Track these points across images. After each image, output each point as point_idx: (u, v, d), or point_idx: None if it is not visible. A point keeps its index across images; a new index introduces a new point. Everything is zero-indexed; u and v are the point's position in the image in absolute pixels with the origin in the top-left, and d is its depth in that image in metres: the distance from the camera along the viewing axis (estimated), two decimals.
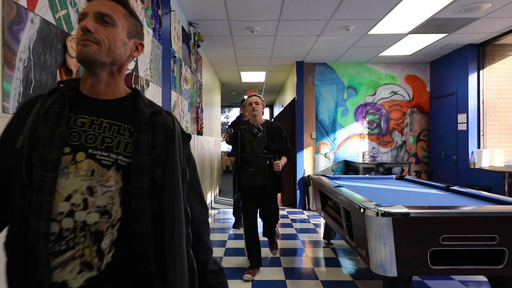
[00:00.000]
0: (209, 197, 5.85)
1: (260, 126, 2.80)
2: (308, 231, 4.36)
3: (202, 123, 4.90)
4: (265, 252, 3.49)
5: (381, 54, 5.35)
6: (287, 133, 2.98)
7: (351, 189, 2.81)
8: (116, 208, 0.69)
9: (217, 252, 3.51)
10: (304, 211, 5.68)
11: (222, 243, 3.83)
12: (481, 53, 4.78)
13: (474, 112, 4.80)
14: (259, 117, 2.90)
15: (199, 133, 4.69)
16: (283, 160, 2.83)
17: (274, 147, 2.76)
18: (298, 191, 5.91)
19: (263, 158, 2.75)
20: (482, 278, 2.74)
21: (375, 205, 2.04)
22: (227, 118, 16.07)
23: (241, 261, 3.22)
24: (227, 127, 4.99)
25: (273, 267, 3.07)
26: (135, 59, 2.30)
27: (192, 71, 4.24)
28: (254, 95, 2.90)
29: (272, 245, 3.21)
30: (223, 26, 4.08)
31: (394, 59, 5.66)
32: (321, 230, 4.32)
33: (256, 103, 2.86)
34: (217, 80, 7.49)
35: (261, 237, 3.06)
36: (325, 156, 5.91)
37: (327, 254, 3.45)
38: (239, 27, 4.11)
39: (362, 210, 2.04)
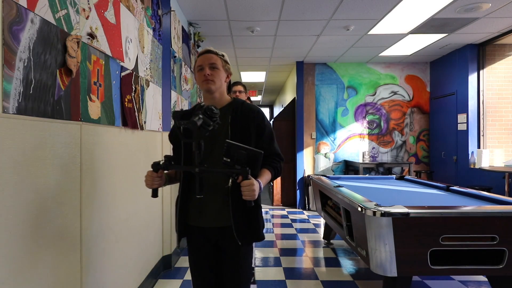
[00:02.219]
0: None
1: (215, 108, 1.27)
2: (308, 231, 4.36)
3: None
4: (265, 251, 3.49)
5: (381, 54, 5.36)
6: (272, 127, 1.53)
7: (351, 189, 2.81)
8: None
9: None
10: (304, 211, 5.69)
11: None
12: (481, 53, 4.78)
13: (474, 112, 4.80)
14: (218, 92, 1.46)
15: None
16: (264, 176, 1.39)
17: (244, 151, 1.27)
18: (298, 191, 5.91)
19: (223, 174, 1.35)
20: (482, 278, 2.74)
21: (375, 205, 2.04)
22: None
23: None
24: None
25: (273, 267, 3.07)
26: (135, 59, 2.31)
27: (192, 71, 4.24)
28: (209, 51, 1.47)
29: None
30: (223, 26, 4.08)
31: (394, 59, 5.66)
32: (321, 230, 4.33)
33: (212, 66, 1.43)
34: None
35: None
36: (325, 156, 5.91)
37: (327, 254, 3.45)
38: (239, 27, 4.11)
39: (362, 210, 2.04)
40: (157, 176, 1.34)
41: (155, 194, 1.37)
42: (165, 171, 1.39)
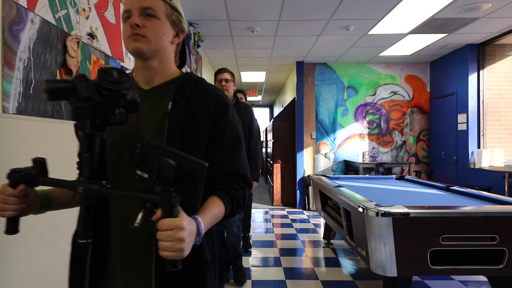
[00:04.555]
0: None
1: (117, 72, 0.68)
2: (308, 231, 4.36)
3: None
4: (265, 251, 3.49)
5: (381, 54, 5.36)
6: (239, 130, 0.88)
7: (351, 189, 2.81)
8: None
9: None
10: (304, 211, 5.68)
11: None
12: (481, 53, 4.78)
13: (474, 112, 4.80)
14: (157, 60, 0.85)
15: None
16: (210, 211, 0.75)
17: (172, 161, 0.64)
18: (298, 191, 5.91)
19: (132, 200, 0.70)
20: (482, 278, 2.74)
21: (375, 205, 2.04)
22: None
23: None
24: None
25: (273, 267, 3.07)
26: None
27: (192, 71, 4.23)
28: None
29: None
30: (223, 26, 4.08)
31: (394, 59, 5.66)
32: (321, 230, 4.32)
33: (147, 13, 0.81)
34: None
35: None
36: (325, 156, 5.91)
37: (327, 254, 3.45)
38: (239, 27, 4.11)
39: (362, 210, 2.04)
40: (13, 195, 0.71)
41: (10, 228, 0.73)
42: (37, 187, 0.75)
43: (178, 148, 0.73)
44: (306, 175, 5.89)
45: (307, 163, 5.93)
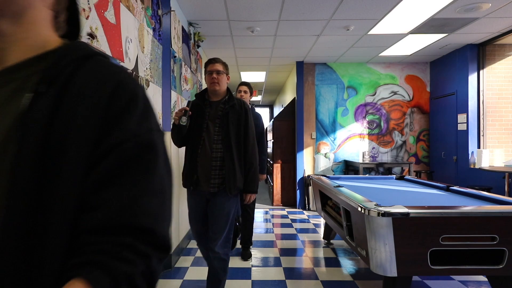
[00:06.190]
0: None
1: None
2: (308, 231, 4.36)
3: None
4: (265, 251, 3.49)
5: (381, 54, 5.36)
6: (159, 146, 0.49)
7: (351, 189, 2.81)
8: None
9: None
10: (304, 211, 5.68)
11: None
12: (481, 53, 4.78)
13: (474, 112, 4.80)
14: (9, 22, 0.47)
15: None
16: None
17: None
18: (298, 191, 5.91)
19: None
20: (482, 278, 2.74)
21: (375, 205, 2.04)
22: None
23: (237, 260, 3.23)
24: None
25: (273, 267, 3.07)
26: (135, 59, 2.30)
27: (192, 71, 4.24)
28: None
29: None
30: (223, 26, 4.08)
31: (394, 59, 5.66)
32: (321, 230, 4.32)
33: None
34: None
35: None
36: (325, 156, 5.91)
37: (327, 254, 3.45)
38: (239, 27, 4.11)
39: (362, 210, 2.04)
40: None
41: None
42: None
43: (34, 189, 0.41)
44: (306, 175, 5.89)
45: (307, 163, 5.93)
